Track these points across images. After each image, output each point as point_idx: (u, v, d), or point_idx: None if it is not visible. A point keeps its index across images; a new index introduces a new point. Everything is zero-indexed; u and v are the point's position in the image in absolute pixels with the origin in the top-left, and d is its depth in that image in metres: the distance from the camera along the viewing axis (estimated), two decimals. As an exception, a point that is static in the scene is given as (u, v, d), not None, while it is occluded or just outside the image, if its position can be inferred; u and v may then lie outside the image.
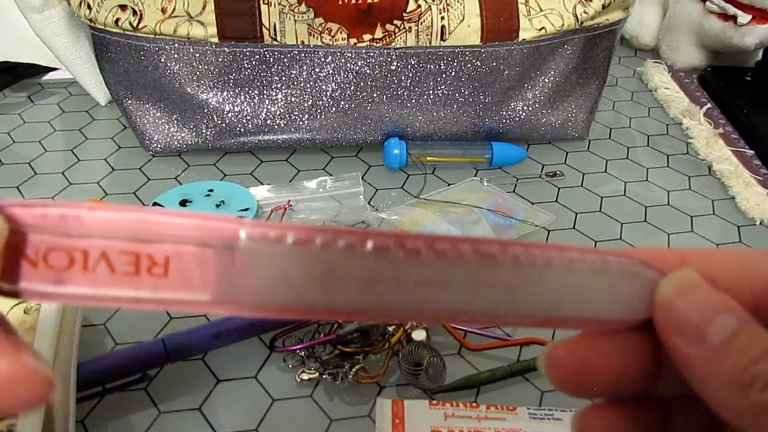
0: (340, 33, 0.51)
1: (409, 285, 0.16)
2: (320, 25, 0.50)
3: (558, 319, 0.17)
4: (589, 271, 0.17)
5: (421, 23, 0.50)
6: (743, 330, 0.15)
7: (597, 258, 0.17)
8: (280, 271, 0.15)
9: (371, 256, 0.15)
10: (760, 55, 0.71)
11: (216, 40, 0.50)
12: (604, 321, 0.17)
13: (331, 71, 0.52)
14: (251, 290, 0.15)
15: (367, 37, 0.51)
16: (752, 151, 0.62)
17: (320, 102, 0.54)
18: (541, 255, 0.16)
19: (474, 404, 0.37)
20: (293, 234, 0.15)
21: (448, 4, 0.51)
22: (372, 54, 0.51)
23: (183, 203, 0.48)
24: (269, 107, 0.54)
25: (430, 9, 0.50)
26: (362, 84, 0.53)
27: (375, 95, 0.54)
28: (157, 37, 0.50)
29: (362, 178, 0.56)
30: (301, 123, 0.55)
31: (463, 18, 0.51)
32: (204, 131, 0.55)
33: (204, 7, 0.49)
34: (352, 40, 0.51)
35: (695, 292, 0.16)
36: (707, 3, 0.70)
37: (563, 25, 0.53)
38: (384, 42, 0.51)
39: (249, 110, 0.54)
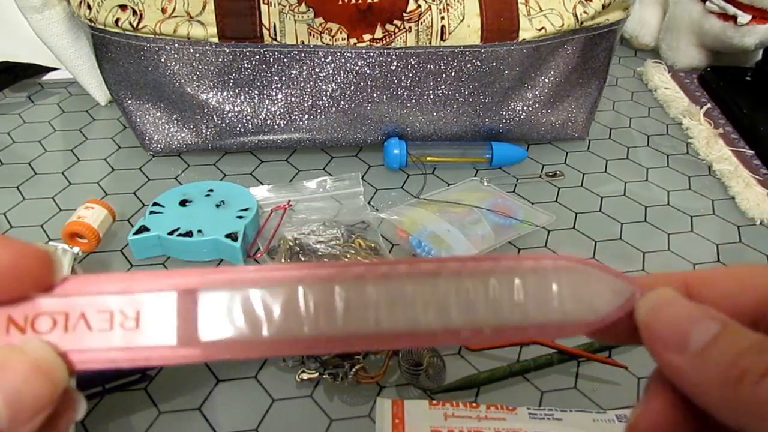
0: (340, 33, 0.51)
1: (358, 307, 0.17)
2: (320, 25, 0.50)
3: (528, 325, 0.17)
4: (530, 273, 0.18)
5: (421, 23, 0.50)
6: (725, 331, 0.16)
7: (532, 261, 0.18)
8: (239, 306, 0.16)
9: (327, 284, 0.17)
10: (760, 55, 0.71)
11: (216, 40, 0.50)
12: (570, 323, 0.18)
13: (331, 71, 0.52)
14: (213, 328, 0.16)
15: (367, 37, 0.51)
16: (752, 151, 0.62)
17: (320, 102, 0.54)
18: (478, 265, 0.18)
19: (474, 404, 0.37)
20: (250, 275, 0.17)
21: (448, 4, 0.51)
22: (372, 54, 0.51)
23: (183, 203, 0.48)
24: (269, 107, 0.54)
25: (430, 9, 0.50)
26: (362, 84, 0.53)
27: (375, 95, 0.54)
28: (157, 37, 0.50)
29: (362, 178, 0.56)
30: (301, 123, 0.55)
31: (463, 18, 0.51)
32: (204, 131, 0.55)
33: (204, 7, 0.49)
34: (352, 40, 0.51)
35: (671, 306, 0.17)
36: (707, 3, 0.70)
37: (563, 25, 0.53)
38: (384, 42, 0.51)
39: (249, 110, 0.54)
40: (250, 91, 0.53)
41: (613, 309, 0.17)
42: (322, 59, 0.52)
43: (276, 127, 0.55)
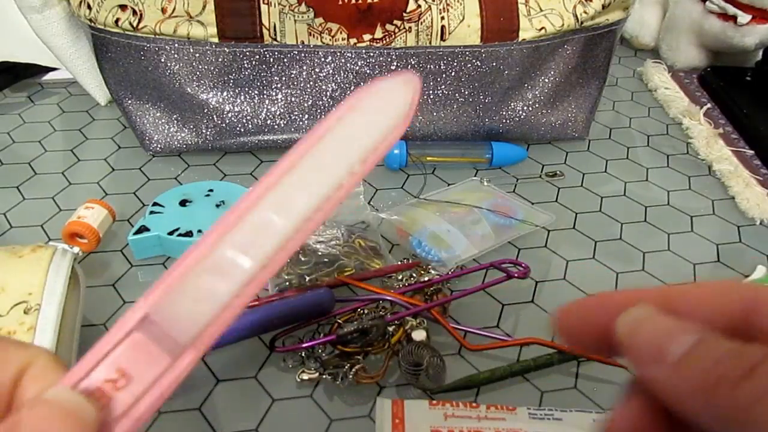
0: (340, 33, 0.51)
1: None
2: (320, 25, 0.50)
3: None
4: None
5: (421, 23, 0.50)
6: (702, 341, 0.16)
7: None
8: (192, 292, 0.17)
9: None
10: (760, 55, 0.71)
11: (216, 40, 0.50)
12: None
13: (331, 71, 0.52)
14: (183, 328, 0.17)
15: (367, 37, 0.51)
16: (752, 151, 0.62)
17: (320, 102, 0.54)
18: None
19: (474, 404, 0.37)
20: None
21: (448, 4, 0.51)
22: (372, 54, 0.51)
23: (183, 203, 0.48)
24: (269, 107, 0.54)
25: (430, 9, 0.50)
26: (362, 84, 0.53)
27: (375, 95, 0.53)
28: (157, 37, 0.50)
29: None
30: (301, 123, 0.55)
31: (463, 18, 0.51)
32: (204, 131, 0.55)
33: (204, 7, 0.49)
34: (352, 40, 0.51)
35: (649, 322, 0.17)
36: (707, 3, 0.70)
37: (563, 25, 0.53)
38: (384, 42, 0.51)
39: (249, 110, 0.54)
40: (250, 91, 0.53)
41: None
42: (322, 59, 0.52)
43: (276, 127, 0.55)
